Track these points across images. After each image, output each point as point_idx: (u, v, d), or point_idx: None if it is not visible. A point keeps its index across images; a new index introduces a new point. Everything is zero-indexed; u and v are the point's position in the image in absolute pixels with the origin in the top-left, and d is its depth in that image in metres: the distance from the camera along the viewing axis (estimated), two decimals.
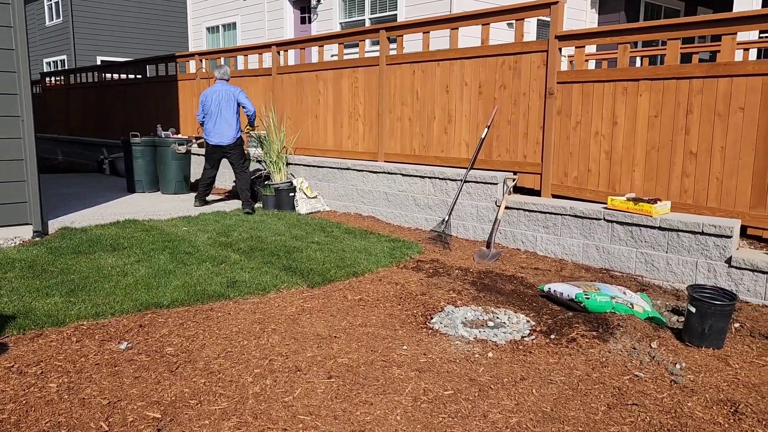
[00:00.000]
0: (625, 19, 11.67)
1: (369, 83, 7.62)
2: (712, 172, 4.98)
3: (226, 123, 7.65)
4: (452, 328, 3.99)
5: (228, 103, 7.65)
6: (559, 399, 3.04)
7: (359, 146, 7.88)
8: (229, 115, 7.66)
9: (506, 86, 6.25)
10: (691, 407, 2.97)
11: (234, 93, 7.69)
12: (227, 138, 7.68)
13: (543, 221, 5.76)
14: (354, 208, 7.70)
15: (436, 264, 5.51)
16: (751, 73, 4.72)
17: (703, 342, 3.70)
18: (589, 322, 4.01)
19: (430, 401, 2.99)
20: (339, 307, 4.36)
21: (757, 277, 4.45)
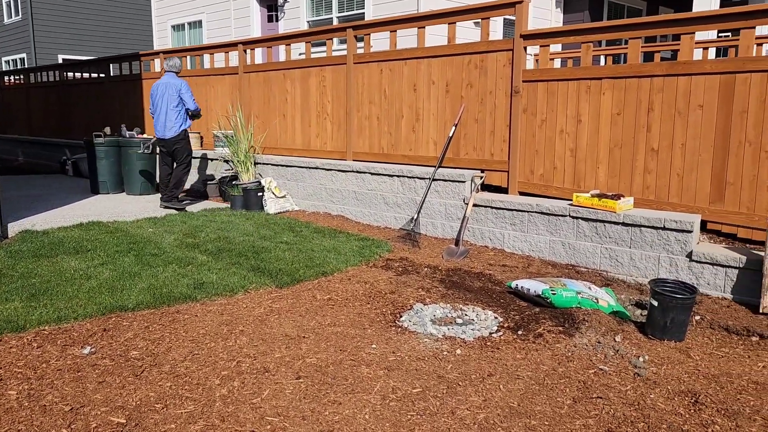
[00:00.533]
0: (589, 18, 11.85)
1: (337, 82, 7.60)
2: (673, 168, 5.09)
3: (167, 116, 7.63)
4: (421, 326, 4.01)
5: (171, 96, 7.62)
6: (526, 394, 3.08)
7: (328, 145, 7.85)
8: (171, 108, 7.62)
9: (473, 85, 6.30)
10: (653, 399, 3.03)
11: (177, 86, 7.65)
12: (170, 131, 7.67)
13: (510, 218, 5.82)
14: (323, 208, 7.68)
15: (405, 262, 5.53)
16: (709, 72, 4.84)
17: (666, 335, 3.78)
18: (556, 318, 4.07)
19: (399, 399, 3.00)
20: (308, 307, 4.34)
21: (716, 271, 4.57)
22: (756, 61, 4.63)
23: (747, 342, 3.80)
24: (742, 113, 4.71)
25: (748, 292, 4.41)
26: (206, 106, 9.77)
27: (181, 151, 7.80)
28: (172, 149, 7.80)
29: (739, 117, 4.73)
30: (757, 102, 4.63)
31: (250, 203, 7.71)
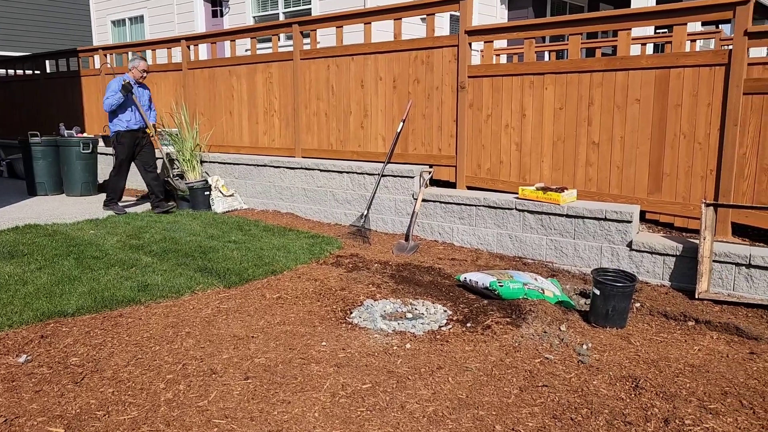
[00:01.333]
0: (533, 14, 12.08)
1: (284, 78, 7.52)
2: (613, 160, 5.25)
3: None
4: (371, 321, 4.01)
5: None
6: (474, 385, 3.12)
7: (276, 142, 7.76)
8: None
9: (420, 80, 6.33)
10: (596, 385, 3.12)
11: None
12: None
13: (459, 213, 5.88)
14: (272, 205, 7.59)
15: (355, 258, 5.52)
16: (646, 67, 5.01)
17: (608, 322, 3.90)
18: (503, 309, 4.14)
19: (349, 396, 3.00)
20: (257, 307, 4.28)
21: (655, 259, 4.73)
22: (688, 57, 4.81)
23: (684, 327, 3.95)
24: (677, 107, 4.89)
25: (685, 279, 4.59)
26: None
27: (115, 152, 7.58)
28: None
29: (673, 110, 4.91)
30: (690, 96, 4.82)
31: (197, 202, 7.56)
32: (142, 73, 7.38)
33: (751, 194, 4.69)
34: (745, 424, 2.75)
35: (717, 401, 2.95)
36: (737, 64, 4.56)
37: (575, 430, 2.71)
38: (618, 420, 2.78)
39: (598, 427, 2.72)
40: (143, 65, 7.38)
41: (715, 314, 4.11)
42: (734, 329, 3.84)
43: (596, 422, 2.76)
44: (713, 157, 4.78)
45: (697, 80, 4.77)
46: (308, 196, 7.17)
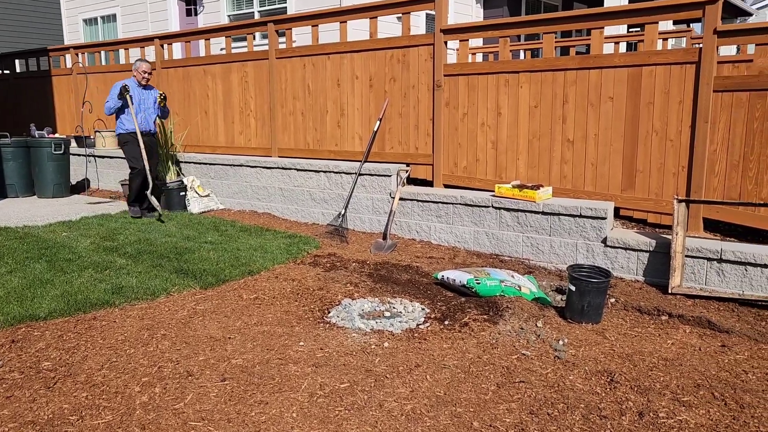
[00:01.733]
0: (508, 13, 12.17)
1: (259, 77, 7.46)
2: (588, 158, 5.31)
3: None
4: (349, 320, 4.01)
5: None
6: (452, 382, 3.13)
7: (252, 142, 7.71)
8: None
9: (396, 79, 6.34)
10: (572, 380, 3.15)
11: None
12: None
13: (436, 211, 5.90)
14: (249, 206, 7.53)
15: (333, 258, 5.50)
16: (618, 65, 5.07)
17: (583, 318, 3.94)
18: (481, 306, 4.16)
19: (327, 395, 2.99)
20: (234, 308, 4.25)
21: (629, 255, 4.80)
22: (660, 55, 4.88)
23: (657, 321, 4.02)
24: (649, 104, 4.96)
25: (658, 274, 4.66)
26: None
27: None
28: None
29: (646, 108, 4.98)
30: (661, 93, 4.89)
31: (173, 203, 7.47)
32: (144, 74, 7.11)
33: (722, 190, 4.78)
34: (717, 416, 2.80)
35: (690, 394, 3.01)
36: (707, 62, 4.64)
37: (552, 425, 2.73)
38: (593, 414, 2.81)
39: (574, 422, 2.75)
40: (145, 66, 7.12)
41: (688, 308, 4.18)
42: (706, 323, 3.91)
43: (572, 417, 2.79)
44: (685, 154, 4.86)
45: (669, 78, 4.84)
46: (285, 195, 7.13)
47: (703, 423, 2.74)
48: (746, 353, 3.51)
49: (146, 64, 7.15)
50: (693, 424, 2.73)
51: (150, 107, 7.22)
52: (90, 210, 7.59)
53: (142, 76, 7.10)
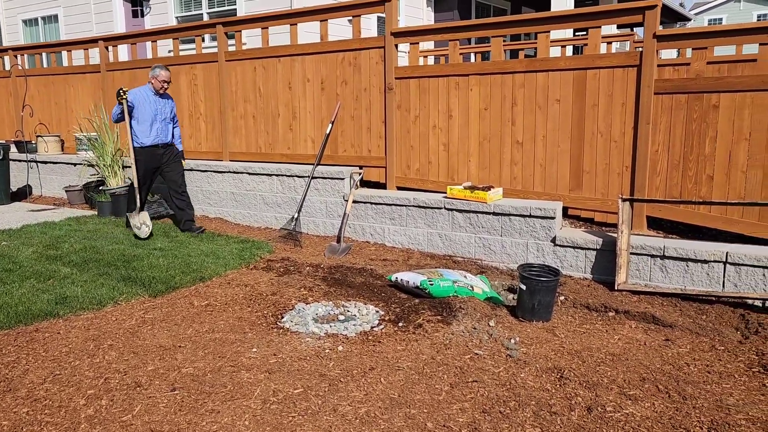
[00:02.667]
0: (458, 16, 12.31)
1: (209, 80, 7.34)
2: (537, 159, 5.42)
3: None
4: (303, 325, 3.98)
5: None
6: (406, 384, 3.14)
7: (202, 146, 7.57)
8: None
9: (348, 82, 6.33)
10: (523, 378, 3.21)
11: None
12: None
13: (389, 213, 5.92)
14: (200, 211, 7.39)
15: (287, 262, 5.46)
16: (564, 68, 5.19)
17: (534, 316, 4.02)
18: (434, 307, 4.19)
19: (280, 402, 2.96)
20: (184, 315, 4.16)
21: (577, 253, 4.92)
22: (603, 58, 5.03)
23: (605, 318, 4.13)
24: (594, 106, 5.10)
25: (605, 272, 4.79)
26: (66, 107, 9.09)
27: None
28: None
29: (591, 110, 5.12)
30: (605, 96, 5.03)
31: (120, 209, 7.26)
32: (163, 84, 6.39)
33: (664, 189, 4.95)
34: (661, 408, 2.90)
35: (636, 387, 3.10)
36: (648, 65, 4.80)
37: (504, 422, 2.77)
38: (544, 411, 2.87)
39: (526, 419, 2.80)
40: (164, 74, 6.39)
41: (634, 304, 4.31)
42: (651, 318, 4.04)
43: (524, 414, 2.84)
44: (628, 155, 5.01)
45: (612, 81, 4.99)
46: (237, 200, 7.03)
47: (648, 415, 2.83)
48: (688, 346, 3.64)
49: (166, 72, 6.41)
50: (639, 416, 2.82)
51: (167, 117, 6.55)
52: (32, 218, 7.32)
53: (160, 85, 6.39)
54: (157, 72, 6.40)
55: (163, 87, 6.44)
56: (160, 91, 6.45)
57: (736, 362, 3.43)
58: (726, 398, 2.99)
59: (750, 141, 4.57)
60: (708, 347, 3.63)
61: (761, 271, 4.19)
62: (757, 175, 4.57)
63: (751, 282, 4.24)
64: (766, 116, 4.49)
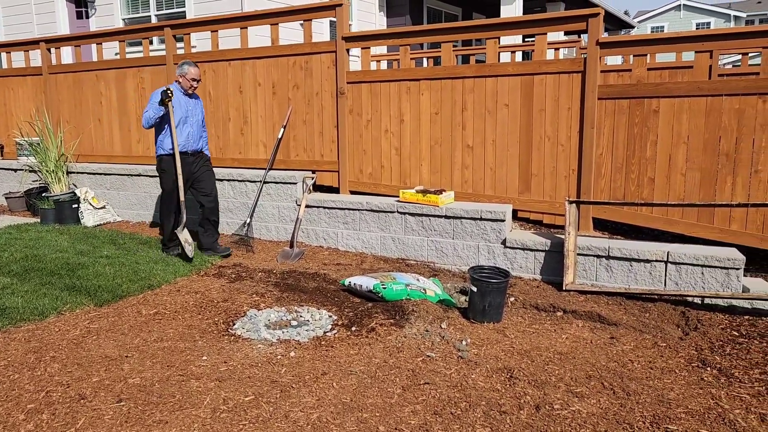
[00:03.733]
0: (410, 22, 12.41)
1: (157, 83, 7.18)
2: (486, 162, 5.50)
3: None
4: (255, 332, 3.93)
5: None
6: (359, 388, 3.14)
7: (151, 150, 7.40)
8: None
9: (299, 86, 6.30)
10: (474, 378, 3.25)
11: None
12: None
13: (343, 217, 5.91)
14: (149, 217, 7.23)
15: (238, 268, 5.38)
16: (512, 74, 5.30)
17: (485, 317, 4.08)
18: (387, 311, 4.21)
19: (230, 410, 2.91)
20: (132, 324, 4.06)
21: (527, 255, 5.01)
22: (549, 64, 5.15)
23: (553, 317, 4.22)
24: (541, 111, 5.22)
25: (554, 272, 4.90)
26: (5, 111, 8.75)
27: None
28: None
29: (539, 114, 5.24)
30: (552, 101, 5.16)
31: (64, 216, 7.04)
32: (192, 82, 5.66)
33: (609, 191, 5.10)
34: (606, 404, 2.98)
35: (582, 385, 3.18)
36: (592, 71, 4.95)
37: (455, 423, 2.80)
38: (494, 410, 2.91)
39: (476, 419, 2.84)
40: (194, 71, 5.66)
41: (581, 304, 4.42)
42: (597, 317, 4.15)
43: (474, 414, 2.88)
44: (575, 158, 5.14)
45: (558, 86, 5.12)
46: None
47: (594, 412, 2.91)
48: (632, 344, 3.76)
49: (196, 69, 5.68)
50: (585, 413, 2.89)
51: (199, 121, 5.83)
52: None
53: (189, 84, 5.65)
54: (186, 69, 5.64)
55: (192, 86, 5.69)
56: (189, 90, 5.70)
57: (677, 358, 3.56)
58: (667, 393, 3.10)
59: (688, 144, 4.76)
60: (651, 344, 3.76)
61: (700, 269, 4.36)
62: (695, 177, 4.76)
63: (691, 280, 4.41)
64: (702, 121, 4.68)
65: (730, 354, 3.59)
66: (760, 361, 3.48)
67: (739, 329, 3.93)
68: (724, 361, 3.49)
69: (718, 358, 3.54)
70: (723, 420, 2.83)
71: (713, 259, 4.32)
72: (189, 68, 5.65)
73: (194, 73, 5.67)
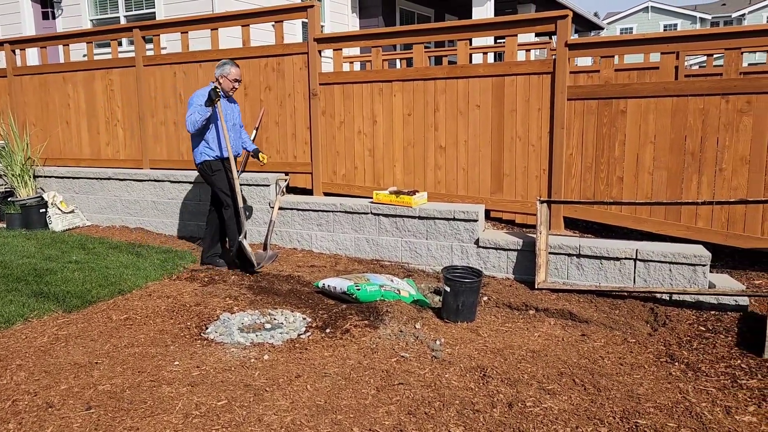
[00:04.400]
0: (383, 23, 12.44)
1: (126, 85, 7.09)
2: (459, 163, 5.54)
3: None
4: (228, 335, 3.90)
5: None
6: (333, 390, 3.14)
7: (121, 153, 7.30)
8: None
9: (272, 88, 6.27)
10: (448, 378, 3.27)
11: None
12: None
13: (316, 219, 5.90)
14: (119, 221, 7.12)
15: (211, 272, 5.33)
16: (483, 75, 5.35)
17: (459, 317, 4.10)
18: (362, 312, 4.21)
19: (203, 415, 2.89)
20: (102, 330, 3.99)
21: (500, 254, 5.06)
22: (520, 66, 5.21)
23: (526, 316, 4.27)
24: (512, 111, 5.27)
25: (526, 271, 4.95)
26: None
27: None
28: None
29: (510, 115, 5.29)
30: (523, 102, 5.22)
31: (32, 221, 6.90)
32: (234, 84, 5.33)
33: (579, 190, 5.17)
34: (577, 401, 3.02)
35: (554, 382, 3.22)
36: (561, 72, 5.02)
37: (429, 423, 2.82)
38: (467, 409, 2.94)
39: (450, 418, 2.86)
40: (236, 72, 5.30)
41: (552, 302, 4.48)
42: (568, 314, 4.21)
43: (448, 413, 2.90)
44: (545, 158, 5.21)
45: (528, 87, 5.18)
46: (159, 209, 6.82)
47: (566, 408, 2.95)
48: (602, 340, 3.82)
49: (237, 69, 5.32)
50: (557, 410, 2.93)
51: (238, 124, 5.58)
52: None
53: (231, 85, 5.30)
54: (227, 69, 5.27)
55: (233, 87, 5.36)
56: (229, 92, 5.35)
57: (646, 353, 3.63)
58: (636, 388, 3.16)
59: (655, 144, 4.85)
60: (620, 340, 3.83)
61: (668, 266, 4.45)
62: (662, 175, 4.86)
63: (659, 277, 4.49)
64: (668, 121, 4.78)
65: (697, 349, 3.67)
66: (725, 355, 3.56)
67: (706, 324, 4.02)
68: (692, 355, 3.57)
69: (686, 352, 3.61)
70: (690, 413, 2.89)
71: (680, 256, 4.40)
72: (230, 68, 5.27)
73: (236, 74, 5.31)
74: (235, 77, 5.32)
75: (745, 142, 4.57)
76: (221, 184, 5.38)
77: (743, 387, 3.18)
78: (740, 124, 4.57)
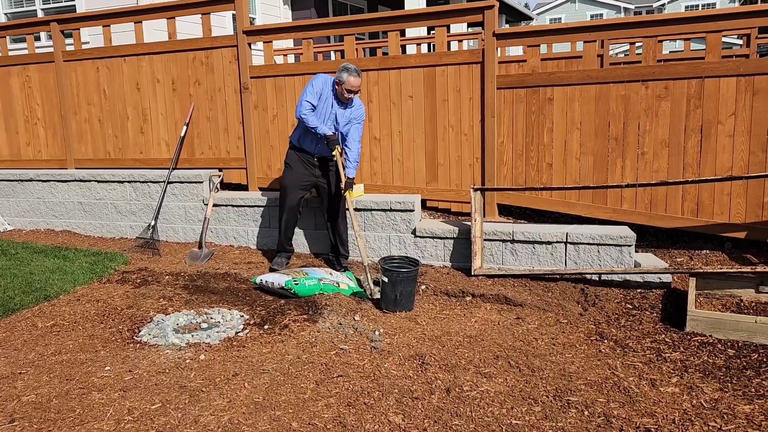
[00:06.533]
0: (315, 15, 12.31)
1: (46, 82, 6.76)
2: (394, 154, 5.57)
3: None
4: (162, 337, 3.80)
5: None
6: (271, 386, 3.11)
7: (42, 153, 6.96)
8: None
9: (201, 82, 6.11)
10: (387, 368, 3.29)
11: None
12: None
13: (252, 215, 5.81)
14: (44, 224, 6.80)
15: (144, 273, 5.17)
16: (415, 66, 5.38)
17: (397, 307, 4.13)
18: (300, 307, 4.18)
19: (136, 420, 2.80)
20: (26, 339, 3.81)
21: (437, 243, 5.12)
22: (450, 56, 5.27)
23: (463, 302, 4.34)
24: (444, 101, 5.33)
25: (463, 259, 5.03)
26: None
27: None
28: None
29: (442, 105, 5.35)
30: (454, 91, 5.28)
31: None
32: (349, 95, 4.79)
33: (511, 177, 5.29)
34: (513, 382, 3.10)
35: (490, 366, 3.29)
36: (490, 62, 5.10)
37: (368, 413, 2.83)
38: (406, 397, 2.96)
39: (389, 407, 2.88)
40: (355, 82, 4.73)
41: (489, 287, 4.57)
42: (504, 299, 4.31)
43: (387, 402, 2.92)
44: (478, 147, 5.29)
45: (459, 77, 5.24)
46: (86, 210, 6.55)
47: (502, 390, 3.02)
48: (536, 322, 3.93)
49: (357, 79, 4.74)
50: (493, 392, 3.00)
51: (346, 136, 5.02)
52: None
53: (346, 95, 4.79)
54: (345, 76, 4.70)
55: (345, 96, 4.80)
56: (342, 99, 4.86)
57: (577, 333, 3.75)
58: (568, 366, 3.27)
59: (581, 130, 5.01)
60: (553, 321, 3.95)
61: (596, 248, 4.61)
62: (589, 160, 5.03)
63: (589, 259, 4.65)
64: (593, 107, 4.94)
65: (625, 326, 3.82)
66: (651, 331, 3.73)
67: (633, 302, 4.20)
68: (620, 332, 3.72)
69: (614, 330, 3.76)
70: (618, 388, 3.01)
71: (607, 237, 4.57)
72: (348, 77, 4.71)
73: (354, 84, 4.73)
74: (349, 88, 4.74)
75: (664, 126, 4.78)
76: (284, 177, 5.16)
77: (667, 360, 3.34)
78: (659, 109, 4.78)
